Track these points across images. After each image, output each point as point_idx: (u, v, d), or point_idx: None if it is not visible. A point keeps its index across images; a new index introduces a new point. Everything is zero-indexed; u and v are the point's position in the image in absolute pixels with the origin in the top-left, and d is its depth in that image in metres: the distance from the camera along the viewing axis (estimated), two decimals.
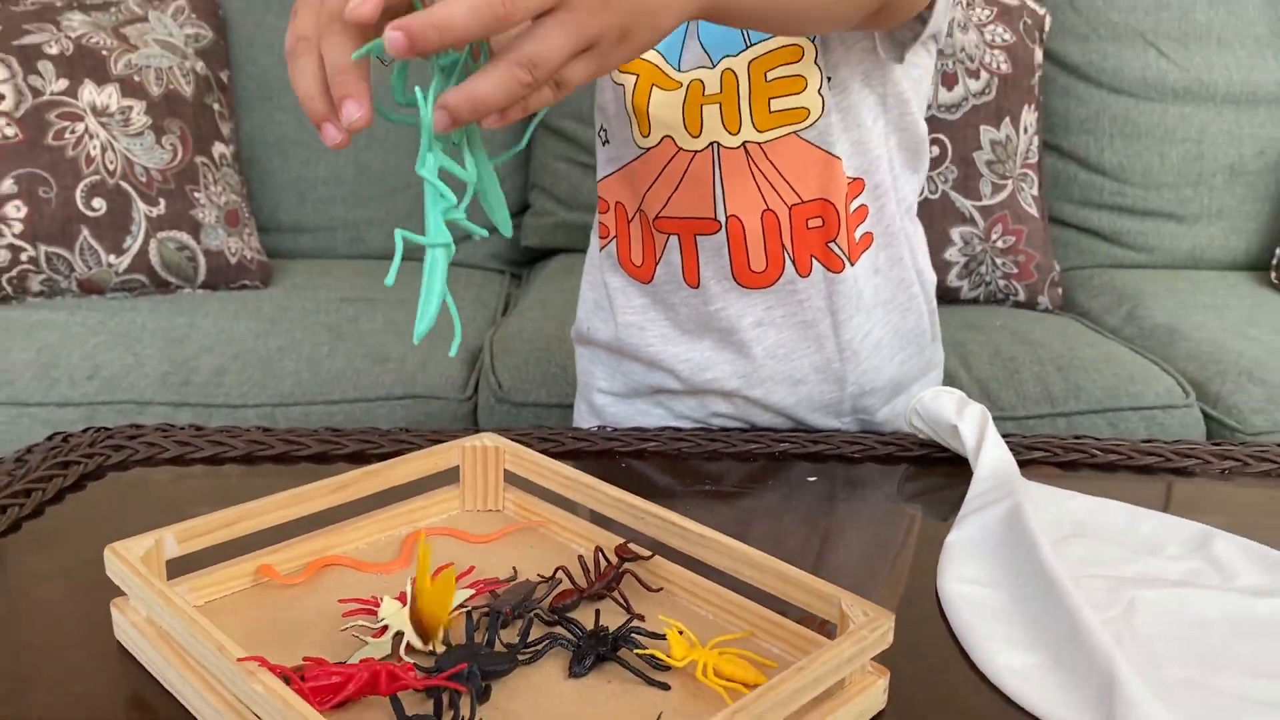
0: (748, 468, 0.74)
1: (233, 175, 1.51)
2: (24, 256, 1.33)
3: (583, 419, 0.89)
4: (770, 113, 0.70)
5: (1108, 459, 0.75)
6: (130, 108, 1.41)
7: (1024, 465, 0.72)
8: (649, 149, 0.74)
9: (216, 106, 1.52)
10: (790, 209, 0.72)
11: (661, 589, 0.55)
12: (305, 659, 0.45)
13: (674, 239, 0.76)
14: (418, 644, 0.48)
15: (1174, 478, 0.73)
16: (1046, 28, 1.59)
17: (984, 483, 0.67)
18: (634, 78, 0.72)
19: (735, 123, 0.70)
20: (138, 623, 0.49)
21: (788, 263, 0.74)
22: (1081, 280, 1.64)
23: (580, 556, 0.57)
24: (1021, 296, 1.47)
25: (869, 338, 0.78)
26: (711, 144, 0.71)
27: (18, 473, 0.67)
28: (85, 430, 0.74)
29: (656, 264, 0.77)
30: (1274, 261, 1.62)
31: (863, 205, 0.74)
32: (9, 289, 1.34)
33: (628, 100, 0.73)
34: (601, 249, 0.81)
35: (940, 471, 0.73)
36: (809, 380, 0.79)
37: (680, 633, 0.49)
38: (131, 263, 1.38)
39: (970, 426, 0.71)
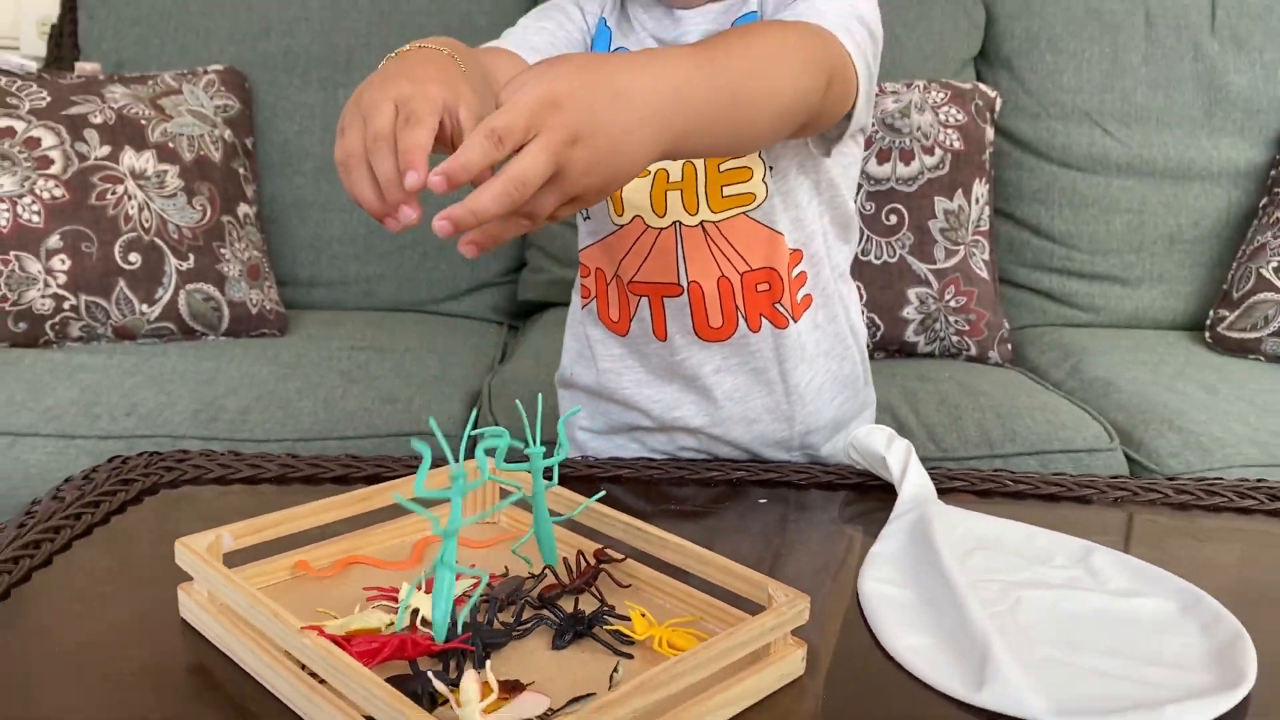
0: (710, 492, 0.84)
1: (255, 233, 1.63)
2: (66, 305, 1.44)
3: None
4: (723, 197, 0.82)
5: (1018, 488, 0.86)
6: (165, 171, 1.53)
7: (946, 493, 0.83)
8: (622, 226, 0.86)
9: (242, 171, 1.64)
10: (741, 276, 0.84)
11: (630, 585, 0.65)
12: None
13: (645, 300, 0.87)
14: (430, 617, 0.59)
15: (1073, 504, 0.84)
16: (997, 109, 1.73)
17: (905, 505, 0.78)
18: None
19: (694, 205, 0.82)
20: (201, 601, 0.59)
21: (740, 320, 0.86)
22: (1033, 337, 1.76)
23: (564, 559, 0.67)
24: (973, 351, 1.58)
25: (812, 383, 0.89)
26: (674, 223, 0.83)
27: (86, 488, 0.77)
28: (140, 454, 0.84)
29: (631, 320, 0.89)
30: (1208, 322, 1.74)
31: (802, 272, 0.86)
32: (51, 334, 1.45)
33: None
34: (583, 306, 0.93)
35: (874, 497, 0.83)
36: (762, 419, 0.90)
37: (643, 615, 0.60)
38: (162, 312, 1.49)
39: (896, 458, 0.82)
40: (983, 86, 1.72)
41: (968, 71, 1.84)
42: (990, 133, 1.68)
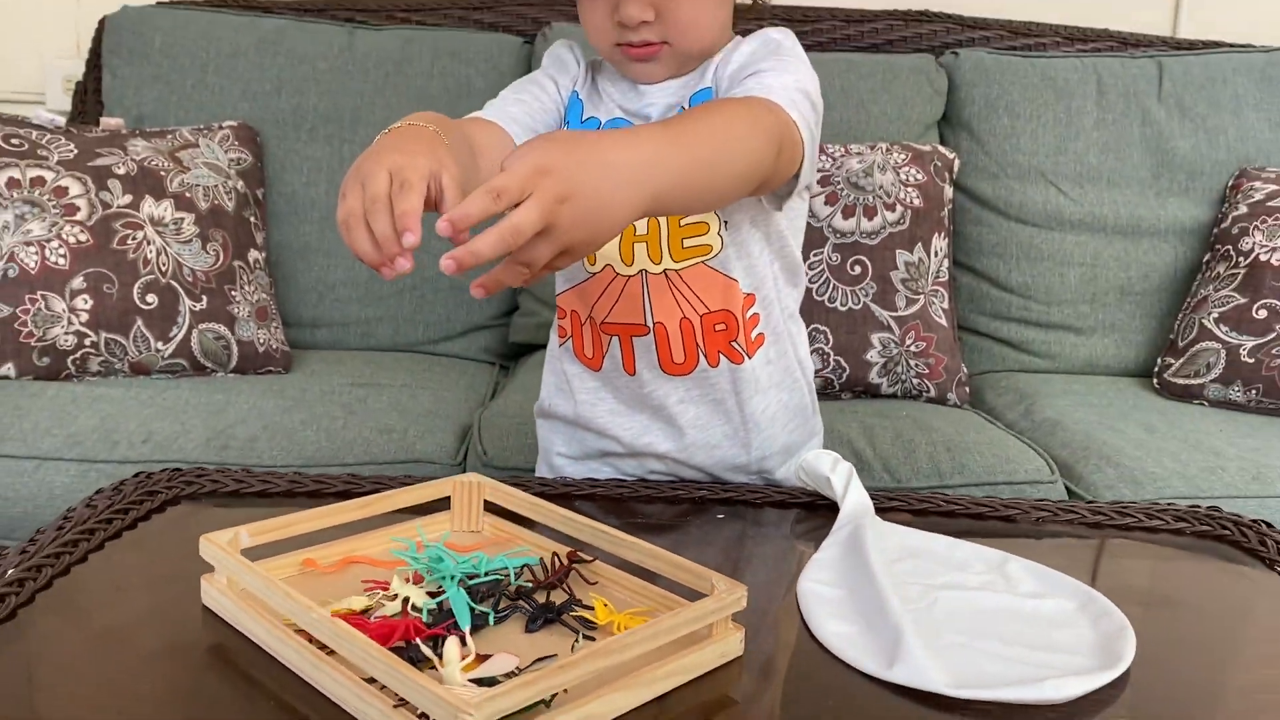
0: (675, 509, 0.93)
1: (264, 277, 1.72)
2: (87, 341, 1.52)
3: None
4: (683, 249, 0.92)
5: (950, 508, 0.94)
6: (182, 219, 1.62)
7: (886, 511, 0.91)
8: (595, 274, 0.95)
9: (252, 219, 1.74)
10: (701, 317, 0.94)
11: (597, 583, 0.74)
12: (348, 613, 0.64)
13: (615, 339, 0.96)
14: (419, 603, 0.67)
15: (999, 522, 0.93)
16: (955, 169, 1.83)
17: (844, 519, 0.86)
18: None
19: (658, 256, 0.92)
20: (221, 588, 0.67)
21: (700, 357, 0.95)
22: (992, 381, 1.85)
23: (541, 559, 0.75)
24: (933, 393, 1.67)
25: (765, 412, 0.98)
26: (641, 271, 0.93)
27: (116, 498, 0.86)
28: (163, 470, 0.93)
29: (603, 357, 0.98)
30: (1155, 369, 1.83)
31: (755, 313, 0.95)
32: (72, 368, 1.53)
33: None
34: (560, 344, 1.02)
35: (821, 514, 0.92)
36: (722, 445, 0.99)
37: (605, 605, 0.68)
38: (175, 349, 1.57)
39: (839, 479, 0.90)
40: (941, 149, 1.82)
41: (931, 134, 1.95)
42: (949, 191, 1.79)
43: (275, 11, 1.98)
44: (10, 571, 0.71)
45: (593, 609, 0.68)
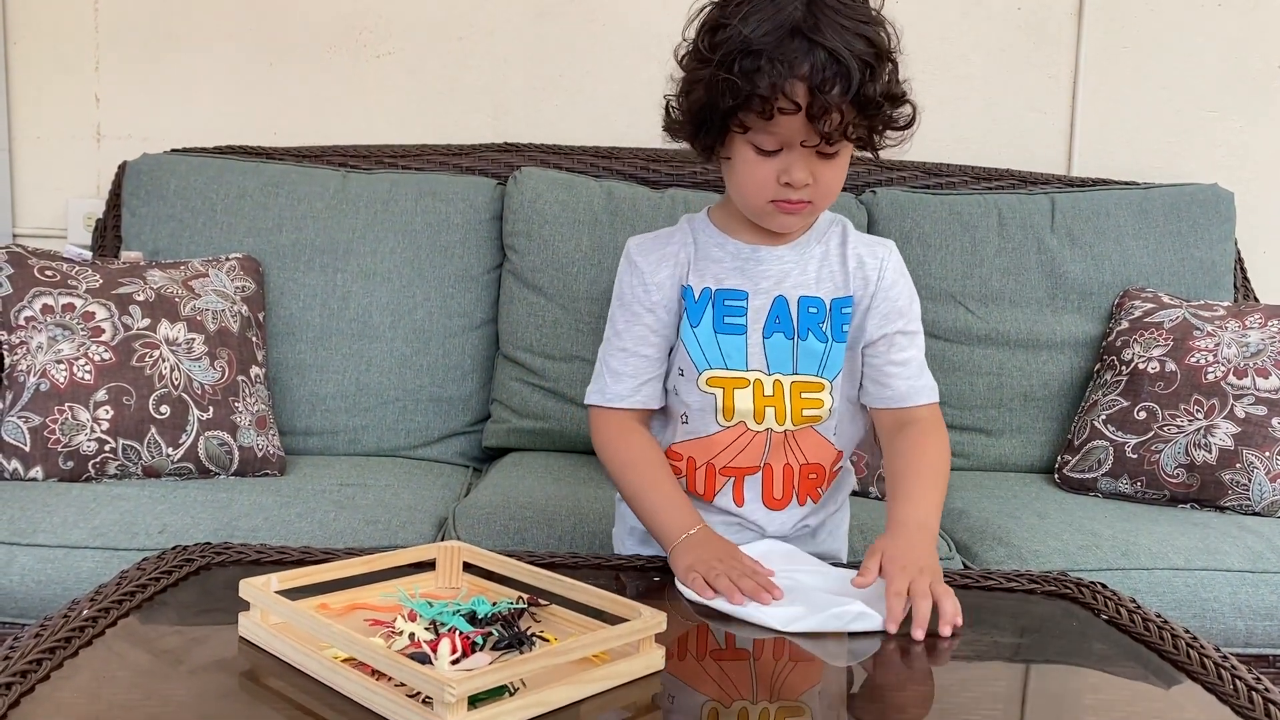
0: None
1: (263, 390, 1.91)
2: (107, 448, 1.70)
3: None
4: (802, 416, 1.16)
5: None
6: (193, 339, 1.82)
7: None
8: (728, 427, 1.17)
9: (254, 339, 1.94)
10: (800, 467, 1.19)
11: (555, 621, 0.92)
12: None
13: (731, 480, 1.19)
14: (420, 637, 0.85)
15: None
16: None
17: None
18: (721, 390, 1.16)
19: (783, 419, 1.16)
20: (256, 620, 0.85)
21: (794, 497, 1.20)
22: None
23: (509, 601, 0.93)
24: (856, 487, 1.87)
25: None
26: (768, 429, 1.16)
27: (161, 565, 1.03)
28: (196, 544, 1.10)
29: (716, 494, 1.20)
30: (1056, 466, 2.04)
31: (840, 467, 1.23)
32: (92, 471, 1.70)
33: (718, 404, 1.16)
34: None
35: None
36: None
37: (554, 639, 0.86)
38: (184, 454, 1.75)
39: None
40: None
41: None
42: None
43: (277, 158, 2.22)
44: (86, 611, 0.88)
45: (548, 641, 0.86)
